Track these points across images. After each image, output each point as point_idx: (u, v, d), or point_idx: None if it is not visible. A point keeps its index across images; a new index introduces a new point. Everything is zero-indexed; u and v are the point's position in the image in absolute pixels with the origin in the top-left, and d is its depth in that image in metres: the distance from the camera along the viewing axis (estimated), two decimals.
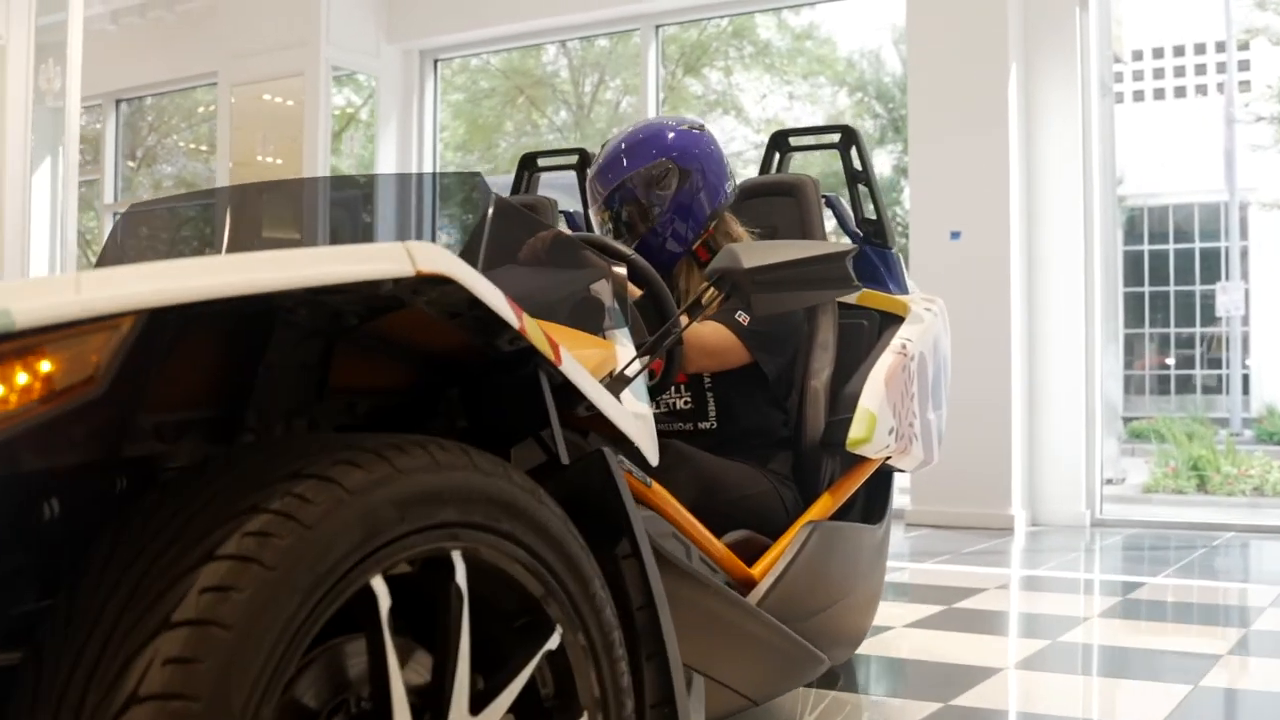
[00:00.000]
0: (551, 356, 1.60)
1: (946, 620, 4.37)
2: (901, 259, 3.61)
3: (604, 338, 2.28)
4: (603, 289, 2.36)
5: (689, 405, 2.94)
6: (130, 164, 14.74)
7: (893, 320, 3.34)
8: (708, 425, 2.92)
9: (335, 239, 2.59)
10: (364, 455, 1.29)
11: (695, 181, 2.97)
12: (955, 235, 7.35)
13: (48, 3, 7.42)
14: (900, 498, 7.81)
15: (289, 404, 1.63)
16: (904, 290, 3.50)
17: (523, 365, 1.63)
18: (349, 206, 2.71)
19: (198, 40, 10.10)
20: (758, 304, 2.14)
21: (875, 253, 3.53)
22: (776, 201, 3.39)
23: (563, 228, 3.66)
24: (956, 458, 7.15)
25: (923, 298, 3.50)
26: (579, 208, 3.65)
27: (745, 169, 16.88)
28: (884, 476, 3.20)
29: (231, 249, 2.70)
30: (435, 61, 10.08)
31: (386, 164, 9.83)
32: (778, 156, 3.74)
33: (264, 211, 2.71)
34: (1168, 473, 11.41)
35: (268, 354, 1.50)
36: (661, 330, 2.20)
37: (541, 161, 4.00)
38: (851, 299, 3.47)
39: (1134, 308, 20.81)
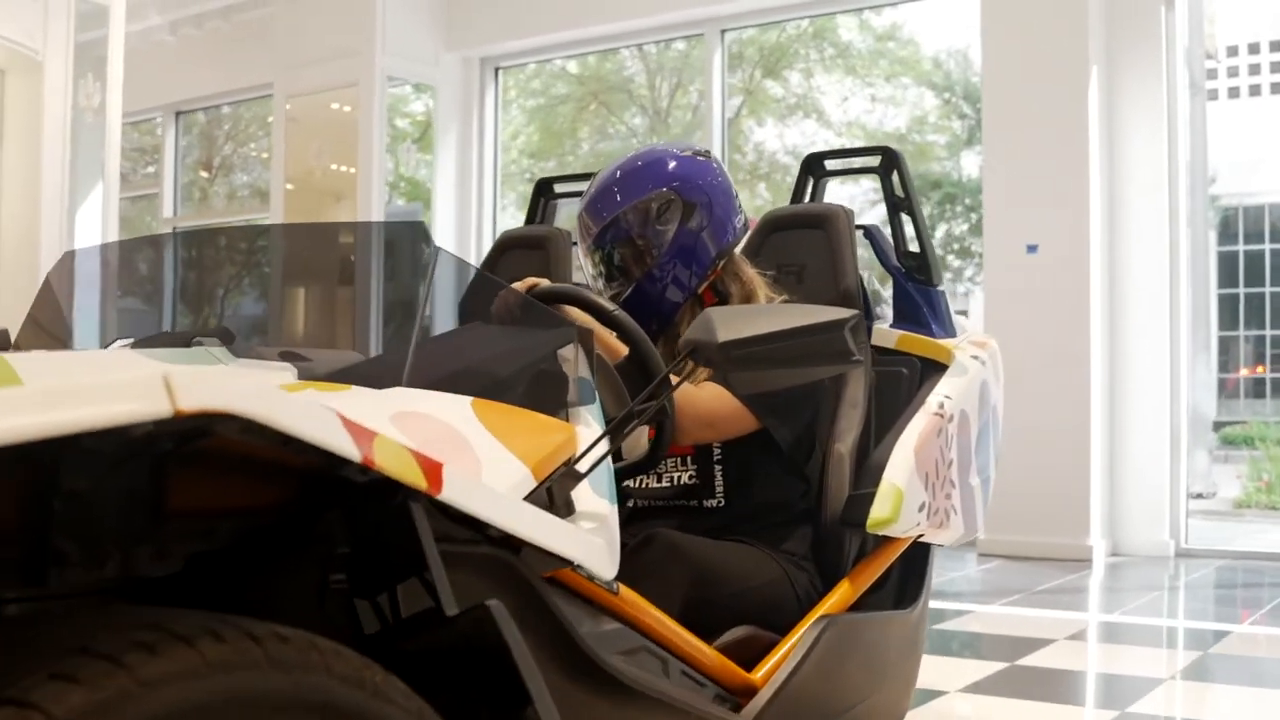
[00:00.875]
0: (423, 485, 1.28)
1: (1009, 682, 3.99)
2: (947, 297, 3.24)
3: (565, 417, 1.96)
4: (569, 356, 2.03)
5: (694, 480, 2.58)
6: (205, 174, 14.68)
7: (935, 368, 2.97)
8: (714, 503, 2.56)
9: (267, 293, 2.28)
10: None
11: (700, 216, 2.61)
12: (1032, 249, 6.94)
13: (87, 19, 7.24)
14: None
15: (121, 534, 1.32)
16: (949, 332, 3.13)
17: (393, 494, 1.31)
18: (292, 257, 2.40)
19: (254, 51, 9.92)
20: (736, 383, 1.80)
21: (918, 290, 3.16)
22: (804, 235, 3.04)
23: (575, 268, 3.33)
24: (1033, 484, 6.76)
25: (971, 341, 3.13)
26: None
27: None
28: (920, 551, 2.83)
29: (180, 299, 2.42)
30: (496, 70, 9.82)
31: (446, 174, 9.60)
32: (811, 182, 3.38)
33: (200, 262, 2.41)
34: (1260, 487, 10.88)
35: (63, 482, 1.19)
36: (636, 401, 1.86)
37: (558, 187, 3.68)
38: (890, 342, 3.12)
39: (1228, 310, 20.06)
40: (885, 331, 3.14)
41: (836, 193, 3.51)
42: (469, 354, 2.05)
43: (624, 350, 2.31)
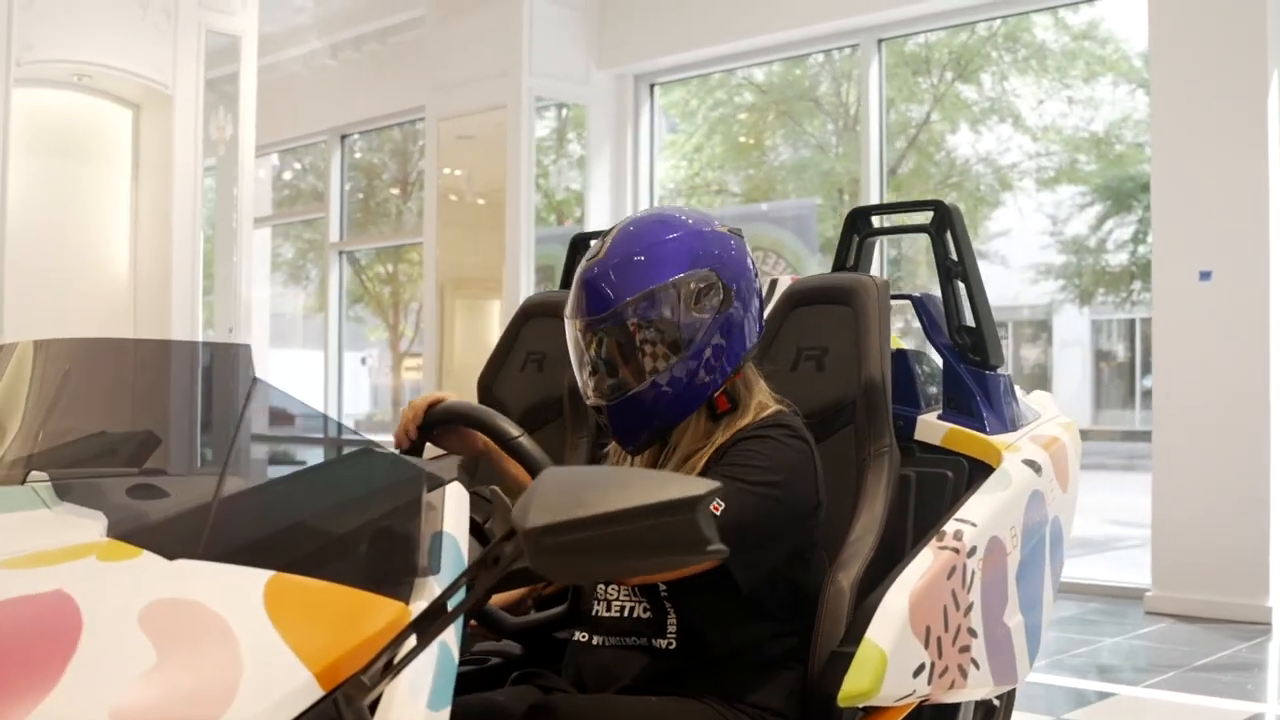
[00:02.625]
0: None
1: None
2: (1009, 381, 2.76)
3: (410, 590, 1.59)
4: (435, 504, 1.66)
5: (647, 613, 2.17)
6: (395, 191, 14.75)
7: (985, 471, 2.51)
8: (664, 644, 2.14)
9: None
10: None
11: (739, 305, 2.19)
12: (1205, 276, 6.28)
13: (220, 55, 7.17)
14: (1140, 575, 6.80)
15: None
16: (1005, 426, 2.66)
17: None
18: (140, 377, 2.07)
19: (408, 73, 9.83)
20: (553, 572, 1.41)
21: (971, 374, 2.70)
22: (829, 312, 2.62)
23: None
24: (1205, 537, 6.13)
25: (1034, 438, 2.65)
26: None
27: (1021, 181, 15.67)
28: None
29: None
30: (651, 86, 9.49)
31: (599, 192, 9.33)
32: (856, 240, 2.94)
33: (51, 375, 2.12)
34: None
35: None
36: (446, 590, 1.47)
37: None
38: (935, 437, 2.66)
39: None
40: (932, 424, 2.69)
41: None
42: (289, 510, 1.70)
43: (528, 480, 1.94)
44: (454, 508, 1.73)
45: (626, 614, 2.18)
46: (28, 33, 6.28)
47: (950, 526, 2.24)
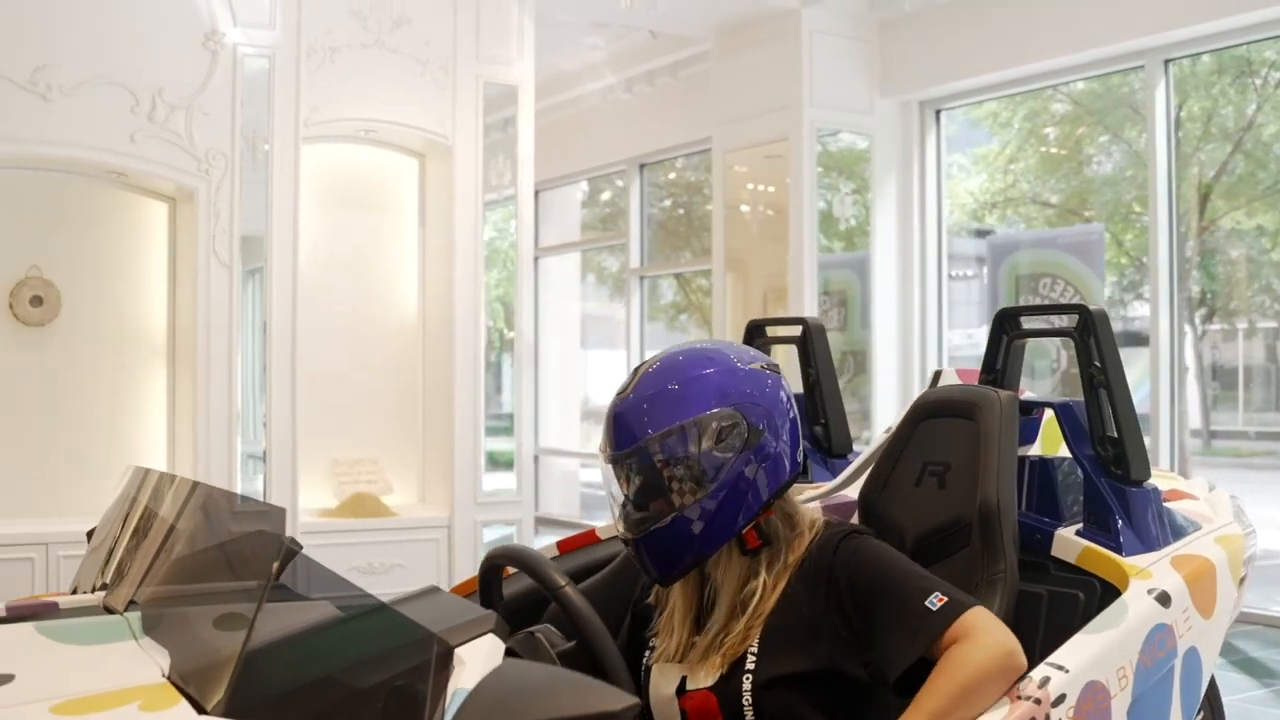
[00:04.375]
0: None
1: None
2: (1157, 495, 2.63)
3: None
4: (423, 675, 1.74)
5: None
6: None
7: (1115, 595, 2.41)
8: None
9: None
10: None
11: (765, 446, 2.24)
12: None
13: (494, 102, 7.49)
14: None
15: None
16: (1146, 545, 2.54)
17: None
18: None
19: (698, 106, 10.00)
20: None
21: (1112, 488, 2.59)
22: (954, 427, 2.58)
23: None
24: None
25: (1174, 560, 2.51)
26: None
27: None
28: None
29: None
30: (937, 112, 9.35)
31: (885, 220, 9.25)
32: (1005, 342, 2.86)
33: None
34: None
35: None
36: None
37: (770, 330, 3.34)
38: (1071, 555, 2.57)
39: None
40: (1068, 540, 2.61)
41: None
42: (309, 669, 1.82)
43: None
44: (483, 663, 1.81)
45: None
46: (314, 95, 6.71)
47: (1039, 673, 2.15)
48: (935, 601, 2.09)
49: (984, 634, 2.07)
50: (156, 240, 6.72)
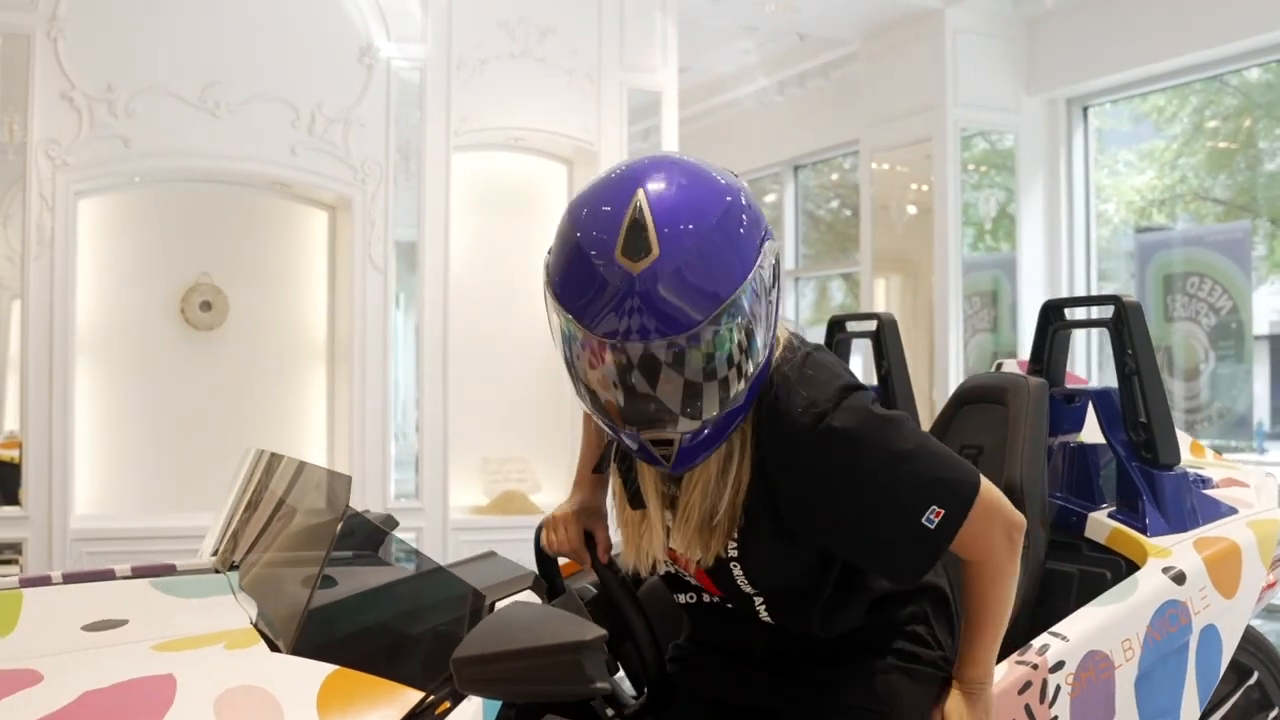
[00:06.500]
0: None
1: None
2: (1186, 479, 2.76)
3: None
4: (460, 624, 2.02)
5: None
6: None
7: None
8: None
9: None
10: None
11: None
12: None
13: (641, 110, 7.74)
14: None
15: None
16: (1173, 526, 2.67)
17: None
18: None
19: (849, 106, 10.12)
20: (473, 693, 1.73)
21: (1141, 472, 2.73)
22: (988, 411, 2.75)
23: None
24: None
25: (1198, 541, 2.64)
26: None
27: None
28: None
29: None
30: (1085, 109, 9.34)
31: (1032, 218, 9.26)
32: (1050, 333, 3.00)
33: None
34: None
35: None
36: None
37: (850, 326, 3.53)
38: (1101, 536, 2.72)
39: None
40: (1100, 521, 2.76)
41: None
42: (365, 617, 2.10)
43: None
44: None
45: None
46: (464, 105, 7.05)
47: (1039, 641, 2.31)
48: (933, 517, 1.89)
49: (985, 538, 1.98)
50: (317, 247, 7.14)
